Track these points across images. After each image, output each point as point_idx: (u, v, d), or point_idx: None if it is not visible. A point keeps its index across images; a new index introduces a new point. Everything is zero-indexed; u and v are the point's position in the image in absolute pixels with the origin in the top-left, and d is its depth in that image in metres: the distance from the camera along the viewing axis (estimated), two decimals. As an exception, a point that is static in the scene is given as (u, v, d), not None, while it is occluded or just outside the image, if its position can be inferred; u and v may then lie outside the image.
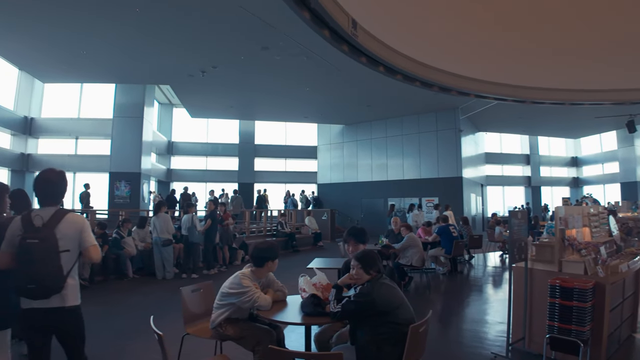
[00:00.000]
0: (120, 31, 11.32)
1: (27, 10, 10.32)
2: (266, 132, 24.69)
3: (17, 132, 18.40)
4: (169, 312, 5.67)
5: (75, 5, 9.95)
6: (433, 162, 19.55)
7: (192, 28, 10.89)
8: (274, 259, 3.45)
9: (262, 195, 19.23)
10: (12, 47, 13.54)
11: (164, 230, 9.01)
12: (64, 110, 19.76)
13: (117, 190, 17.57)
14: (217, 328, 3.36)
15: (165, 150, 23.26)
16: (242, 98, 18.02)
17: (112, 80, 17.30)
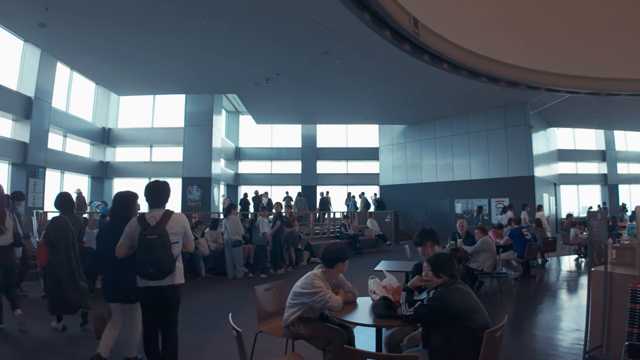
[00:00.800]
0: (188, 45, 11.99)
1: (102, 30, 11.29)
2: (328, 135, 24.94)
3: (96, 142, 20.14)
4: (241, 310, 5.87)
5: (146, 23, 10.73)
6: (502, 161, 18.53)
7: (256, 38, 11.28)
8: (344, 261, 3.51)
9: (325, 198, 19.43)
10: (89, 64, 14.95)
11: (234, 231, 9.44)
12: (139, 120, 21.35)
13: (190, 194, 18.57)
14: (290, 327, 3.46)
15: (233, 155, 24.36)
16: (305, 103, 18.38)
17: (183, 91, 18.35)
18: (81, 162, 19.09)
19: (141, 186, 13.44)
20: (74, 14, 10.42)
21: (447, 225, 17.13)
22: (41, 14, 10.33)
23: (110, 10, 10.08)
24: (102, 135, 20.40)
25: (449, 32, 9.94)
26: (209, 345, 4.87)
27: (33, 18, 10.71)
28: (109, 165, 20.83)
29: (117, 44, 12.23)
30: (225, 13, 9.88)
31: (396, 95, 16.41)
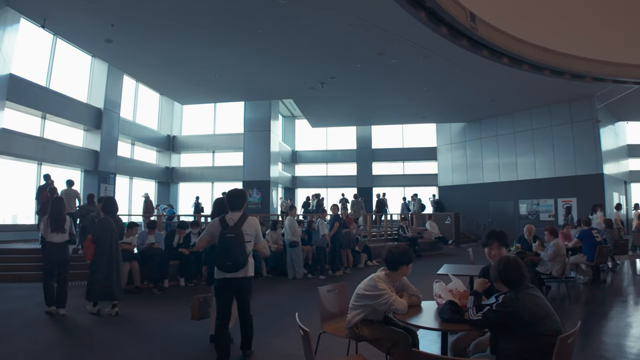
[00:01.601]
0: (246, 53, 12.38)
1: (165, 44, 12.01)
2: (383, 136, 24.62)
3: (161, 149, 21.45)
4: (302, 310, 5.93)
5: (206, 34, 11.21)
6: (569, 158, 17.28)
7: (311, 43, 11.43)
8: (408, 264, 3.45)
9: (381, 199, 19.25)
10: (153, 76, 16.00)
11: (292, 232, 9.62)
12: (201, 127, 22.53)
13: (250, 197, 19.10)
14: (353, 328, 3.44)
15: (290, 159, 24.84)
16: (360, 104, 18.34)
17: (242, 98, 19.00)
18: (148, 168, 20.31)
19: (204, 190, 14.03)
20: (137, 30, 11.14)
21: (511, 227, 16.46)
22: (107, 31, 11.14)
23: (172, 24, 10.66)
24: (167, 143, 21.69)
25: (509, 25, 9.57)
26: (272, 343, 4.96)
27: (100, 35, 11.55)
28: (174, 171, 22.04)
29: (178, 55, 12.89)
30: (280, 20, 10.09)
31: (454, 92, 15.90)
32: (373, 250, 11.94)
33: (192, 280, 8.76)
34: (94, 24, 10.93)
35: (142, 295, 7.71)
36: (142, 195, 16.10)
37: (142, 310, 6.65)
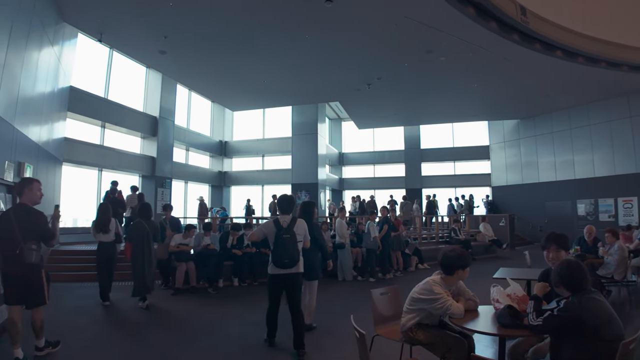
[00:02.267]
0: (293, 59, 12.59)
1: (215, 53, 12.42)
2: (432, 135, 23.96)
3: (214, 154, 22.26)
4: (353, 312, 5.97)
5: (254, 42, 11.48)
6: (629, 155, 16.08)
7: (357, 46, 11.44)
8: (465, 268, 3.40)
9: (432, 201, 18.91)
10: (205, 84, 16.62)
11: (340, 234, 9.68)
12: (251, 132, 23.15)
13: (298, 200, 19.32)
14: (408, 332, 3.45)
15: (337, 161, 24.92)
16: (407, 104, 18.11)
17: (289, 103, 19.33)
18: (202, 172, 21.13)
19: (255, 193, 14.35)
20: (189, 41, 11.58)
21: (568, 228, 15.58)
22: (161, 43, 11.64)
23: (221, 34, 11.03)
24: (219, 148, 22.52)
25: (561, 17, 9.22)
26: (324, 345, 5.03)
27: (154, 47, 12.11)
28: (226, 175, 22.82)
29: (228, 64, 13.31)
30: (325, 24, 10.17)
31: (506, 88, 15.28)
32: (424, 253, 11.73)
33: (245, 281, 9.02)
34: (148, 37, 11.47)
35: (198, 294, 8.02)
36: (196, 198, 16.76)
37: (199, 309, 6.93)
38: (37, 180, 4.39)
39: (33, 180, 4.35)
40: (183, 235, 8.65)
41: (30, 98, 8.01)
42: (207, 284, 8.50)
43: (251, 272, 9.06)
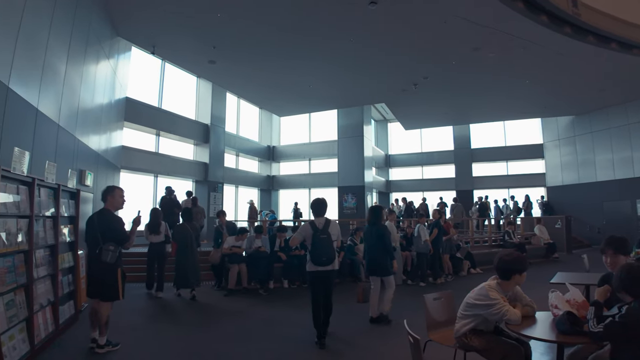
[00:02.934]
0: (338, 62, 12.60)
1: (262, 61, 12.62)
2: (482, 134, 23.03)
3: (262, 159, 22.77)
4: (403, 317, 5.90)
5: (299, 48, 11.64)
6: None
7: (402, 46, 11.29)
8: (522, 272, 3.29)
9: (483, 203, 18.35)
10: (253, 91, 16.94)
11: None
12: (298, 137, 23.47)
13: (345, 202, 19.41)
14: (462, 338, 3.38)
15: (384, 163, 24.66)
16: (456, 103, 17.62)
17: (335, 106, 19.34)
18: (252, 177, 21.66)
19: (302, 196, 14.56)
20: (237, 50, 11.88)
21: (628, 229, 14.62)
22: (210, 53, 12.01)
23: (267, 42, 11.23)
24: (267, 153, 23.04)
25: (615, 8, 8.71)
26: (376, 348, 5.01)
27: (204, 57, 12.49)
28: (274, 179, 23.26)
29: (275, 71, 13.54)
30: (370, 26, 10.13)
31: (558, 83, 14.49)
32: (476, 257, 11.37)
33: (294, 282, 9.14)
34: (197, 48, 11.86)
35: (250, 295, 8.26)
36: (247, 202, 17.22)
37: (250, 309, 7.09)
38: (119, 188, 5.01)
39: (115, 188, 4.96)
40: (236, 237, 8.92)
41: (89, 109, 8.51)
42: (258, 285, 8.71)
43: (300, 274, 9.15)
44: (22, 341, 4.18)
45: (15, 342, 4.00)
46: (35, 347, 4.37)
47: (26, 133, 5.21)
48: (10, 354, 3.83)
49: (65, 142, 6.92)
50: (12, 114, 4.72)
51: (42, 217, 4.93)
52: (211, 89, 17.20)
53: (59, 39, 6.30)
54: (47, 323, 4.90)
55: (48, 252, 5.09)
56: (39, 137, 5.55)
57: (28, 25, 5.02)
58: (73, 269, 6.12)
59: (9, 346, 3.85)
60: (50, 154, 6.01)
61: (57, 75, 6.41)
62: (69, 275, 5.97)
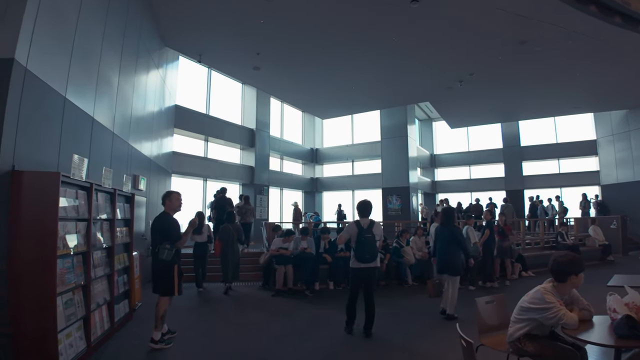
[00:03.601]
0: (381, 62, 12.49)
1: (304, 65, 12.85)
2: (532, 131, 21.85)
3: (306, 162, 23.02)
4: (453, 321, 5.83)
5: (341, 51, 11.63)
6: None
7: (445, 43, 11.05)
8: (578, 273, 3.15)
9: (534, 203, 17.60)
10: (296, 96, 17.13)
11: (437, 240, 9.25)
12: (341, 139, 23.46)
13: (390, 204, 19.19)
14: (515, 342, 3.27)
15: (429, 163, 24.16)
16: (503, 99, 16.99)
17: (378, 106, 19.17)
18: (296, 179, 21.96)
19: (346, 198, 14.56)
20: (280, 56, 12.09)
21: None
22: (254, 59, 12.29)
23: (309, 46, 11.35)
24: (311, 155, 23.25)
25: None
26: (427, 351, 4.92)
27: (248, 64, 12.80)
28: (318, 181, 23.41)
29: (317, 74, 13.67)
30: (412, 24, 10.00)
31: (611, 76, 13.60)
32: (527, 260, 10.91)
33: (340, 284, 9.14)
34: (242, 55, 12.16)
35: (296, 296, 8.35)
36: (291, 204, 17.44)
37: (296, 310, 7.18)
38: (176, 192, 5.52)
39: (172, 193, 5.48)
40: (283, 239, 9.06)
41: (141, 117, 8.91)
42: (304, 287, 8.79)
43: (346, 276, 9.13)
44: (79, 338, 4.42)
45: (72, 340, 4.24)
46: (92, 344, 4.61)
47: (83, 141, 5.52)
48: (66, 352, 4.06)
49: (120, 149, 7.28)
50: (70, 123, 5.02)
51: (99, 220, 5.20)
52: (256, 94, 17.69)
53: (111, 51, 6.64)
54: (103, 321, 5.16)
55: (104, 253, 5.36)
56: (95, 145, 5.87)
57: (82, 39, 5.32)
58: (128, 269, 6.42)
59: (66, 344, 4.08)
60: (106, 160, 6.34)
61: (111, 86, 6.75)
62: (124, 275, 6.27)
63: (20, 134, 3.92)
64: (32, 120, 4.15)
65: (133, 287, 6.55)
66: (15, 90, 3.85)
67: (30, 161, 4.08)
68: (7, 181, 3.74)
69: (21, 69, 3.93)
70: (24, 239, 3.79)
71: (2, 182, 3.69)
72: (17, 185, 3.81)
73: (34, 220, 3.85)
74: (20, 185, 3.82)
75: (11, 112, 3.79)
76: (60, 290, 3.95)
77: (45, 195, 3.89)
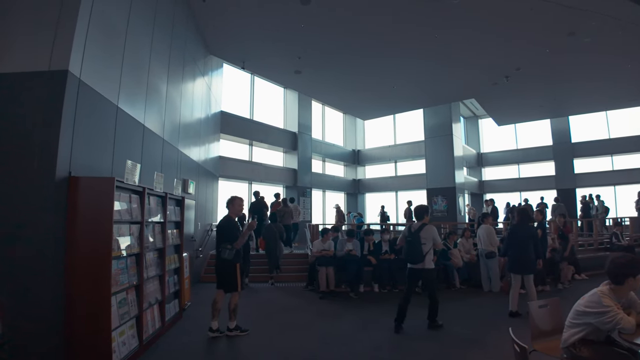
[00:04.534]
0: (422, 61, 12.33)
1: (345, 67, 12.87)
2: (584, 126, 20.67)
3: (348, 163, 23.02)
4: (502, 325, 5.66)
5: (381, 50, 11.55)
6: None
7: (489, 38, 10.75)
8: (636, 276, 2.99)
9: (587, 202, 16.68)
10: (337, 97, 17.18)
11: (487, 242, 8.90)
12: (383, 139, 23.28)
13: (435, 205, 18.74)
14: (570, 348, 3.14)
15: (475, 162, 23.44)
16: (552, 94, 16.23)
17: (421, 105, 18.82)
18: (338, 181, 21.96)
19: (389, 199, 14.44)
20: (320, 58, 12.19)
21: None
22: (296, 63, 12.47)
23: (349, 47, 11.36)
24: (352, 157, 23.18)
25: None
26: (476, 357, 4.79)
27: (290, 68, 13.01)
28: (360, 182, 23.32)
29: (358, 75, 13.65)
30: (455, 20, 9.79)
31: None
32: (581, 262, 10.33)
33: (385, 287, 9.03)
34: (284, 59, 12.38)
35: (341, 298, 8.33)
36: (333, 206, 17.48)
37: (342, 311, 7.15)
38: (238, 198, 5.97)
39: (235, 198, 5.92)
40: (322, 240, 9.08)
41: (189, 124, 9.21)
42: (348, 288, 8.75)
43: (391, 278, 9.05)
44: (132, 337, 4.61)
45: (125, 338, 4.43)
46: (144, 342, 4.80)
47: (135, 147, 5.78)
48: (119, 349, 4.25)
49: (170, 154, 7.55)
50: (123, 131, 5.27)
51: (151, 223, 5.42)
52: (297, 98, 17.95)
53: (158, 60, 6.91)
54: (154, 320, 5.36)
55: (156, 255, 5.58)
56: (146, 150, 6.13)
57: (131, 50, 5.58)
58: (178, 270, 6.64)
59: (119, 342, 4.27)
60: (157, 165, 6.60)
61: (159, 94, 7.02)
62: (174, 276, 6.49)
63: (76, 142, 4.15)
64: (86, 128, 4.39)
65: (183, 287, 6.76)
66: (70, 100, 4.09)
67: (86, 167, 4.32)
68: (64, 187, 3.98)
69: (75, 80, 4.16)
70: (81, 242, 4.02)
71: (60, 188, 3.92)
72: (73, 190, 4.04)
73: (90, 224, 4.07)
74: (77, 191, 4.05)
75: (67, 121, 4.03)
76: (114, 290, 4.14)
77: (101, 200, 4.10)
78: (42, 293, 3.78)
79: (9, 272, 3.74)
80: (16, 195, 3.85)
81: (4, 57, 4.09)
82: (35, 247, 3.79)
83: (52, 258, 3.84)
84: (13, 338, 3.50)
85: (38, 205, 3.84)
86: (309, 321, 6.51)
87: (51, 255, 3.83)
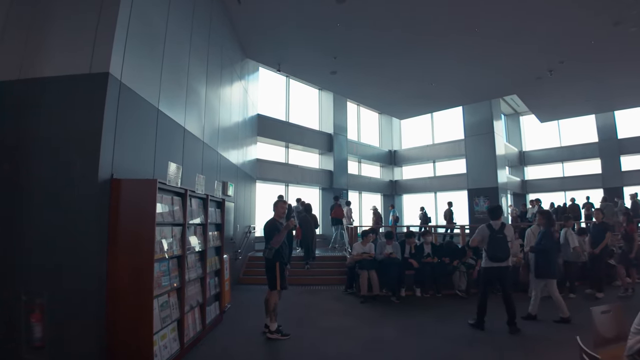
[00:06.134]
0: (462, 56, 11.92)
1: (381, 66, 12.67)
2: (631, 121, 19.45)
3: (384, 164, 22.67)
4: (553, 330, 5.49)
5: (419, 47, 11.32)
6: None
7: (531, 31, 10.29)
8: None
9: (636, 201, 15.65)
10: (372, 97, 16.99)
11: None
12: (420, 139, 22.71)
13: (477, 206, 18.16)
14: (635, 356, 2.89)
15: (517, 161, 22.53)
16: (598, 88, 15.31)
17: (460, 103, 18.25)
18: (374, 182, 21.68)
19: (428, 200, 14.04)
20: (356, 58, 12.03)
21: None
22: (331, 64, 12.33)
23: (385, 46, 11.15)
24: (389, 157, 22.81)
25: None
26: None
27: (325, 68, 12.88)
28: (397, 183, 22.89)
29: (394, 73, 13.37)
30: (495, 14, 9.44)
31: None
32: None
33: (427, 292, 8.75)
34: (319, 60, 12.26)
35: (382, 302, 8.11)
36: (370, 208, 17.27)
37: (384, 317, 6.97)
38: (282, 201, 6.36)
39: (279, 202, 6.19)
40: (362, 242, 8.89)
41: (227, 127, 9.26)
42: (389, 293, 8.52)
43: (434, 283, 8.75)
44: (173, 340, 4.59)
45: (167, 341, 4.40)
46: (185, 345, 4.77)
47: (176, 149, 5.80)
48: (161, 353, 4.22)
49: (210, 157, 7.60)
50: (164, 133, 5.28)
51: (193, 225, 5.41)
52: (332, 99, 17.83)
53: (197, 64, 6.94)
54: (195, 323, 5.34)
55: (197, 257, 5.56)
56: (187, 153, 6.15)
57: (171, 54, 5.60)
58: (218, 272, 6.63)
59: (160, 345, 4.25)
60: (198, 167, 6.63)
61: (199, 97, 7.06)
62: (215, 278, 6.48)
63: (117, 144, 4.16)
64: (128, 131, 4.40)
65: (223, 290, 6.74)
66: (112, 102, 4.10)
67: (128, 169, 4.32)
68: (106, 189, 3.99)
69: (116, 82, 4.18)
70: (123, 244, 4.03)
71: (102, 190, 3.93)
72: (116, 192, 4.05)
73: (132, 226, 4.07)
74: (119, 193, 4.06)
75: (108, 123, 4.04)
76: (156, 293, 4.12)
77: (143, 202, 4.10)
78: (84, 296, 3.79)
79: (51, 275, 3.78)
80: (59, 198, 3.89)
81: (45, 61, 4.15)
82: (78, 250, 3.82)
83: (95, 261, 3.85)
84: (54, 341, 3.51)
85: (81, 208, 3.87)
86: (351, 326, 6.34)
87: (93, 258, 3.85)
